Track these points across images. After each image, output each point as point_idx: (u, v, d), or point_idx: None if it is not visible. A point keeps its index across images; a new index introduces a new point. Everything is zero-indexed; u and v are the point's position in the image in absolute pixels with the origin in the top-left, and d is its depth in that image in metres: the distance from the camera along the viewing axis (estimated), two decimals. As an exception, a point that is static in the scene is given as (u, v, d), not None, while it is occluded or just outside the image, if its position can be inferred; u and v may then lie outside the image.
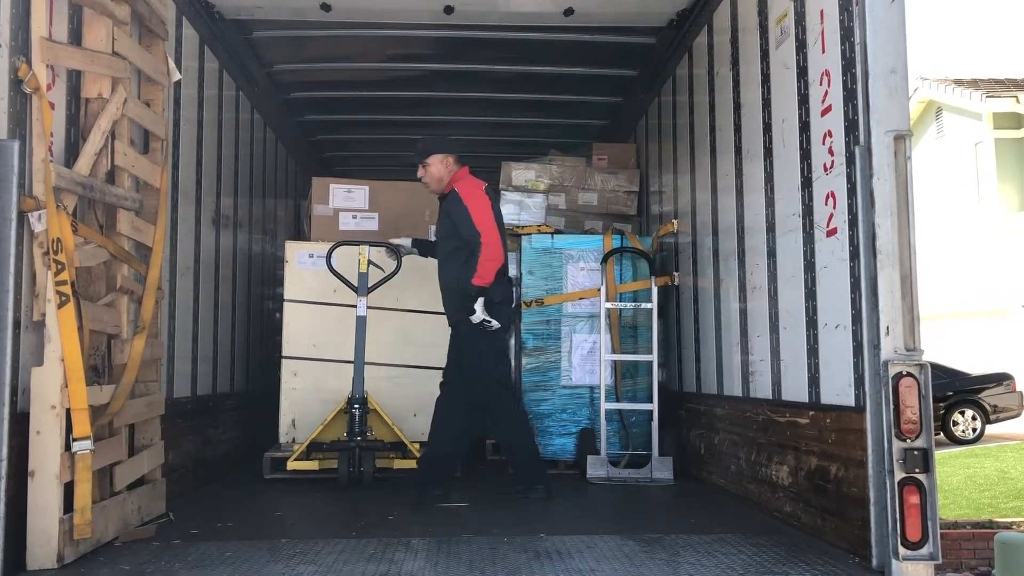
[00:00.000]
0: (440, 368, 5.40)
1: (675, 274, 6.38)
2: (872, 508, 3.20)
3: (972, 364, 16.60)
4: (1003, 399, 15.64)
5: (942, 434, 15.48)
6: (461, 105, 7.85)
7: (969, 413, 15.53)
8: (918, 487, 3.03)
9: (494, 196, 5.31)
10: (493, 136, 8.48)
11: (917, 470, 3.03)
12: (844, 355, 3.61)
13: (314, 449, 5.62)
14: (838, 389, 3.68)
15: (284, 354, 6.15)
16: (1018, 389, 15.67)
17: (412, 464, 5.64)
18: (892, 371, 3.08)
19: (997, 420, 15.55)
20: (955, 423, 15.45)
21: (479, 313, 4.96)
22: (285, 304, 6.21)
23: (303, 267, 6.21)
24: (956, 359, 16.91)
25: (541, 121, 8.24)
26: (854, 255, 3.50)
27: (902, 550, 3.02)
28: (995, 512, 9.40)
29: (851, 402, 3.51)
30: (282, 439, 6.06)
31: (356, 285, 5.59)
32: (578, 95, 7.68)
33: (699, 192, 5.86)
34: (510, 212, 7.18)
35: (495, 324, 4.99)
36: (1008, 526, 8.24)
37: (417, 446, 5.74)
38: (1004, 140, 18.16)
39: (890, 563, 3.06)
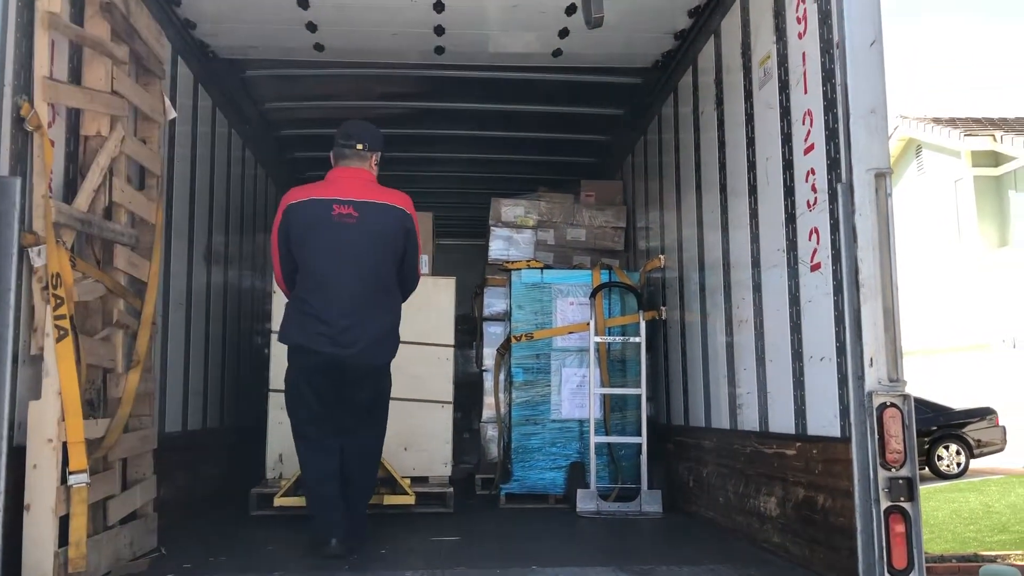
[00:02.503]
0: (433, 400, 5.52)
1: (663, 308, 6.47)
2: (859, 537, 3.25)
3: (956, 398, 16.74)
4: (986, 433, 15.77)
5: (927, 468, 15.57)
6: (451, 142, 7.97)
7: (953, 448, 15.63)
8: (903, 515, 3.10)
9: (310, 206, 4.43)
10: (483, 173, 8.60)
11: (902, 499, 3.10)
12: (829, 387, 3.68)
13: (301, 485, 5.45)
14: (824, 420, 3.76)
15: (271, 387, 6.01)
16: (1001, 423, 15.81)
17: (404, 499, 5.58)
18: (876, 402, 3.16)
19: (981, 454, 15.66)
20: (939, 457, 15.54)
21: None
22: (273, 336, 5.88)
23: None
24: (939, 393, 17.05)
25: (530, 158, 8.37)
26: (838, 289, 3.59)
27: (889, 579, 3.08)
28: (980, 546, 9.46)
29: (837, 433, 3.58)
30: (269, 474, 5.96)
31: None
32: (566, 133, 7.82)
33: (685, 228, 5.97)
34: (499, 248, 7.28)
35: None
36: (993, 559, 8.29)
37: (408, 481, 5.70)
38: (982, 177, 18.49)
39: (877, 591, 3.12)
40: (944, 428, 15.68)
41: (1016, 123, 18.89)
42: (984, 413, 15.93)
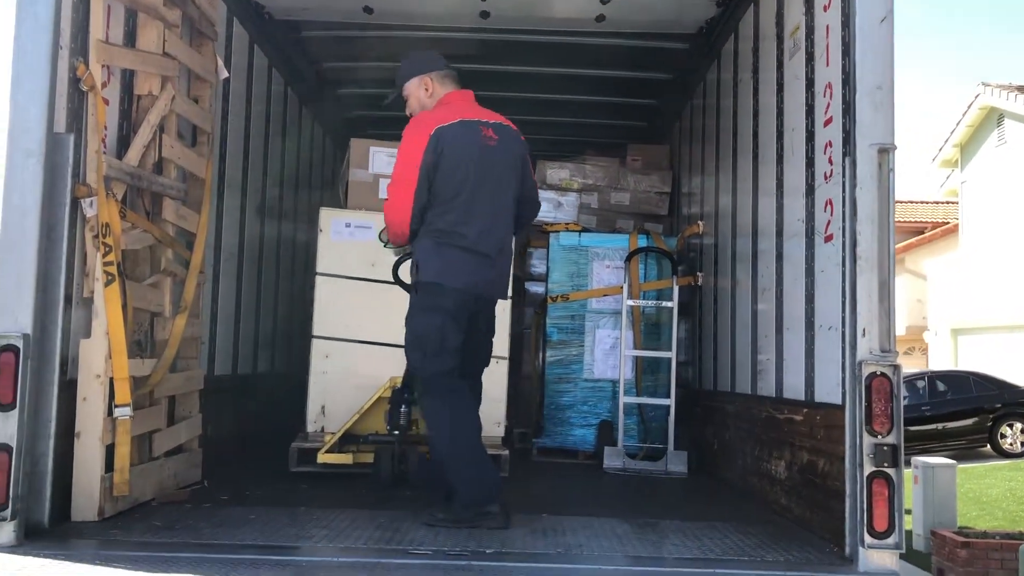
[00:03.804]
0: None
1: (699, 274, 6.55)
2: (847, 500, 3.37)
3: (1024, 377, 16.36)
4: (1056, 413, 15.40)
5: (988, 446, 15.31)
6: (499, 105, 7.98)
7: (1018, 426, 15.33)
8: (887, 480, 3.20)
9: (462, 140, 4.01)
10: (530, 135, 8.68)
11: (886, 464, 3.20)
12: (835, 356, 3.77)
13: (347, 441, 5.12)
14: (828, 388, 3.85)
15: (315, 333, 5.57)
16: (1069, 403, 15.40)
17: None
18: (866, 371, 3.26)
19: (1047, 434, 15.33)
20: (1003, 435, 15.27)
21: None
22: (317, 278, 5.59)
23: (339, 238, 5.54)
24: (1007, 371, 16.66)
25: (577, 121, 8.45)
26: (845, 261, 3.67)
27: (869, 539, 3.20)
28: (1030, 525, 9.35)
29: (838, 400, 3.67)
30: (310, 427, 5.48)
31: None
32: (614, 96, 7.88)
33: (722, 195, 6.03)
34: (545, 211, 7.40)
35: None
36: (1039, 538, 8.20)
37: None
38: (1066, 149, 17.78)
39: (858, 551, 3.24)
40: (1009, 406, 15.37)
41: (1105, 93, 18.06)
42: (1054, 392, 15.54)
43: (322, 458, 5.07)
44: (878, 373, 3.25)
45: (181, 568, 3.01)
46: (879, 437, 3.22)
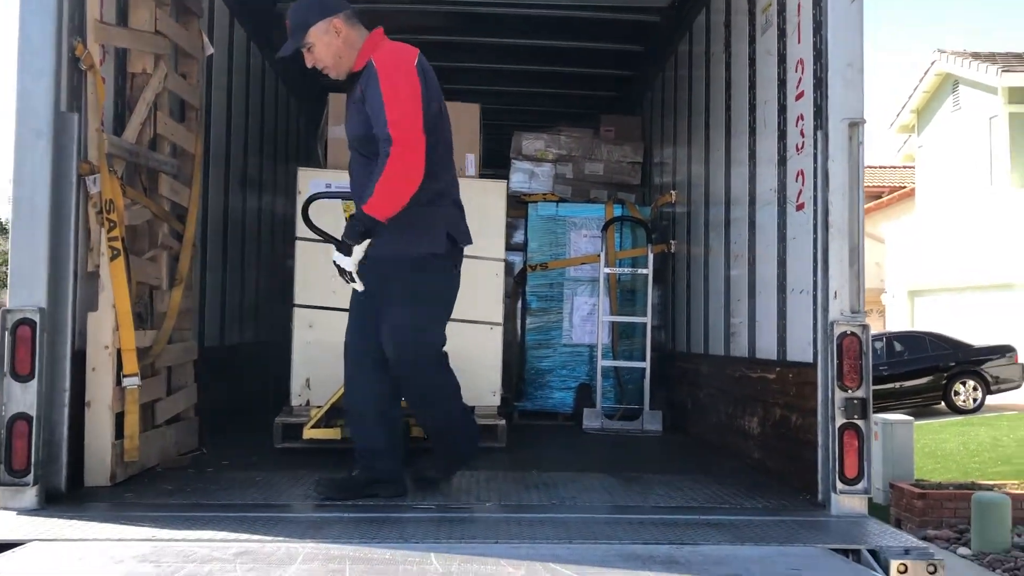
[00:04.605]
0: (480, 321, 4.95)
1: (672, 242, 6.79)
2: (820, 450, 3.64)
3: (979, 336, 16.93)
4: (1005, 371, 16.01)
5: (943, 403, 15.89)
6: (474, 75, 8.23)
7: (971, 384, 15.90)
8: (857, 431, 3.47)
9: (431, 73, 3.67)
10: (505, 106, 8.86)
11: (856, 416, 3.47)
12: (806, 317, 4.02)
13: (334, 415, 4.88)
14: (800, 347, 4.11)
15: (296, 302, 5.34)
16: (1020, 361, 16.01)
17: None
18: (837, 330, 3.51)
19: (998, 391, 15.93)
20: (956, 393, 15.84)
21: (345, 258, 3.57)
22: (297, 243, 5.32)
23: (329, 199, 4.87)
24: (963, 331, 17.25)
25: (552, 92, 8.61)
26: (816, 228, 3.90)
27: (840, 485, 3.47)
28: (982, 476, 9.83)
29: (809, 358, 3.92)
30: (295, 401, 5.28)
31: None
32: (587, 68, 8.04)
33: (694, 165, 6.26)
34: (520, 180, 7.60)
35: (357, 285, 3.65)
36: (989, 488, 8.66)
37: None
38: (1018, 115, 18.27)
39: (831, 497, 3.52)
40: (962, 364, 15.93)
41: (1056, 59, 18.56)
42: (1003, 351, 16.14)
43: (308, 434, 4.83)
44: (848, 332, 3.51)
45: (202, 526, 3.18)
46: (849, 391, 3.49)
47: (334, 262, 3.62)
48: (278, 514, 3.51)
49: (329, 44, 3.61)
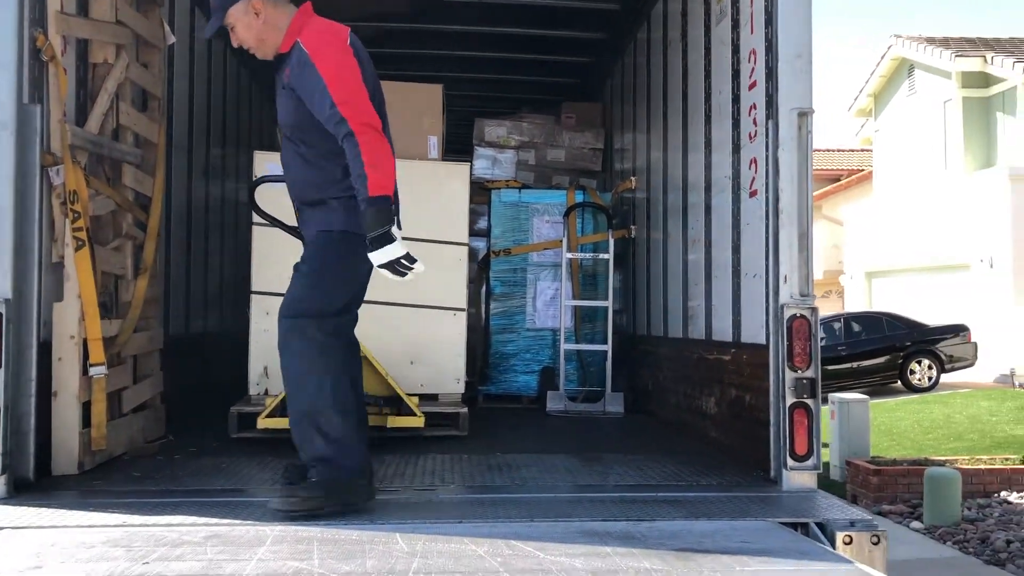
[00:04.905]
0: (444, 307, 4.87)
1: (632, 227, 6.92)
2: (772, 428, 3.79)
3: (935, 316, 17.35)
4: (958, 349, 16.44)
5: (899, 382, 16.29)
6: (438, 62, 8.27)
7: (926, 363, 16.30)
8: (806, 410, 3.62)
9: (364, 52, 3.46)
10: (467, 92, 8.91)
11: (805, 395, 3.62)
12: (759, 301, 4.16)
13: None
14: (754, 329, 4.25)
15: (253, 289, 5.26)
16: (973, 340, 16.44)
17: (412, 421, 4.80)
18: (787, 313, 3.65)
19: (952, 369, 16.36)
20: (912, 372, 16.23)
21: (392, 247, 3.22)
22: (254, 229, 5.21)
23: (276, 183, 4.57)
24: (920, 311, 17.67)
25: (514, 79, 8.68)
26: (768, 215, 4.04)
27: (791, 461, 3.62)
28: (935, 452, 10.14)
29: (762, 340, 4.07)
30: (252, 390, 5.20)
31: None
32: (549, 55, 8.12)
33: (653, 152, 6.38)
34: (483, 167, 7.68)
35: (420, 266, 3.30)
36: (941, 463, 8.95)
37: (416, 400, 4.93)
38: (972, 99, 18.67)
39: (782, 473, 3.67)
40: (918, 344, 16.33)
41: (1008, 44, 18.96)
42: (957, 330, 16.56)
43: (262, 423, 4.64)
44: (798, 315, 3.65)
45: (172, 511, 3.24)
46: (799, 372, 3.63)
47: (385, 264, 3.23)
48: (246, 498, 3.58)
49: (250, 25, 3.42)
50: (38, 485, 3.64)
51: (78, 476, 3.84)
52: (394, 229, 3.21)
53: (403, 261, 3.23)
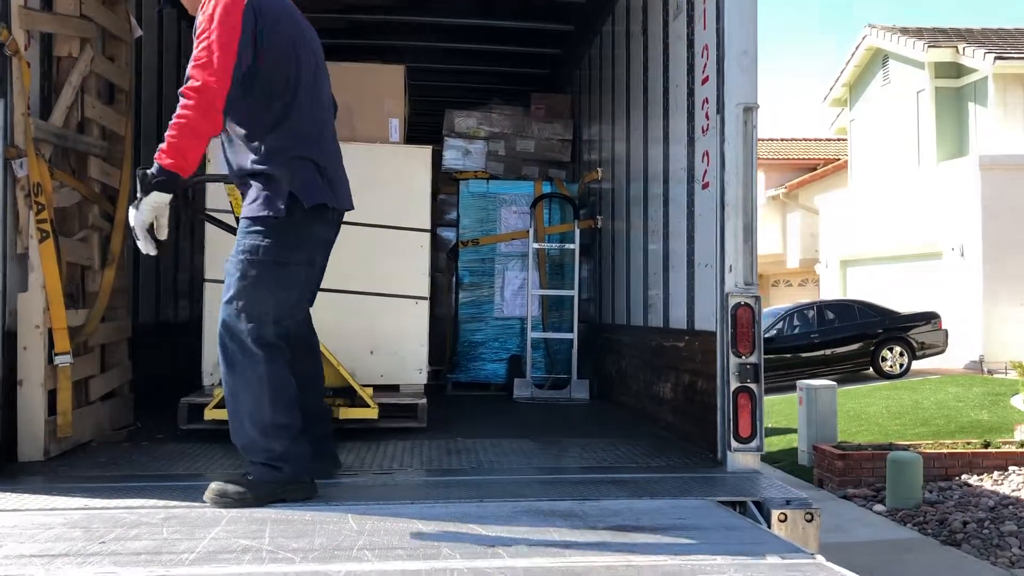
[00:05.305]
0: (405, 295, 4.78)
1: (598, 218, 7.04)
2: (719, 412, 3.92)
3: (908, 304, 17.60)
4: (929, 336, 16.68)
5: (871, 369, 16.54)
6: (408, 53, 8.33)
7: (897, 350, 16.53)
8: (750, 394, 3.76)
9: (288, 18, 3.35)
10: (437, 83, 8.99)
11: (749, 380, 3.76)
12: (711, 289, 4.28)
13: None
14: (705, 317, 4.38)
15: (206, 277, 5.13)
16: (944, 327, 16.70)
17: (364, 413, 4.69)
18: (732, 301, 3.79)
19: (923, 356, 16.61)
20: (884, 359, 16.46)
21: (132, 211, 3.09)
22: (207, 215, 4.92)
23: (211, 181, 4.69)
24: (892, 299, 17.92)
25: (484, 70, 8.77)
26: (718, 206, 4.16)
27: (735, 443, 3.76)
28: (900, 437, 10.34)
29: (713, 328, 4.20)
30: (206, 380, 5.08)
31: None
32: (517, 46, 8.21)
33: (617, 143, 6.49)
34: (453, 157, 7.78)
35: (150, 249, 3.18)
36: (906, 448, 9.15)
37: (370, 391, 4.80)
38: (943, 89, 18.89)
39: (727, 455, 3.81)
40: (889, 331, 16.57)
41: (980, 34, 19.19)
42: (928, 317, 16.81)
43: (209, 414, 4.51)
44: (742, 303, 3.78)
45: (134, 495, 3.34)
46: (743, 357, 3.77)
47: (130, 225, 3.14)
48: (208, 483, 3.67)
49: None
50: (3, 471, 3.73)
51: (44, 462, 3.92)
52: (155, 197, 3.02)
53: (136, 230, 3.12)
